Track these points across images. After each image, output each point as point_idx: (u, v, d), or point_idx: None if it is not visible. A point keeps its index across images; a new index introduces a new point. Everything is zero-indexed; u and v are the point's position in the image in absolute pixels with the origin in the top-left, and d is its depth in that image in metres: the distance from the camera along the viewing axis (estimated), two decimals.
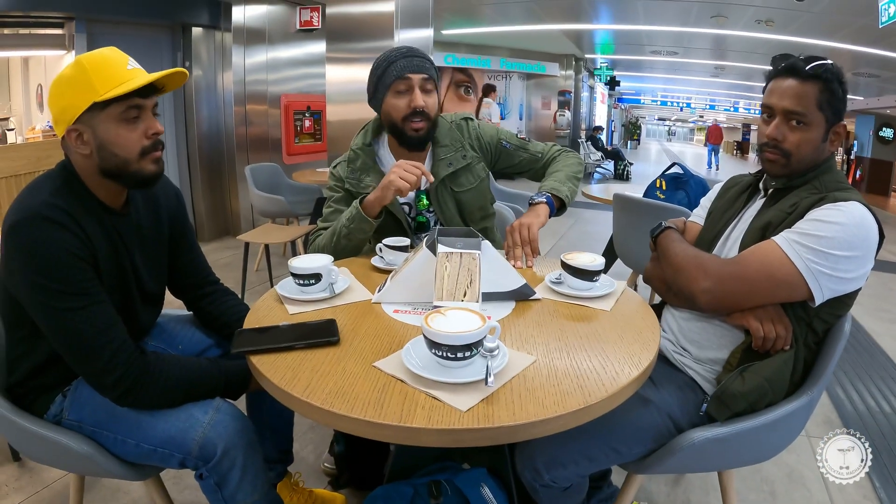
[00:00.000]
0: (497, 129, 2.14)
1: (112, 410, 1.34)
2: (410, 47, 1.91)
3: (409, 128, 1.87)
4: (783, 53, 1.50)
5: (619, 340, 1.24)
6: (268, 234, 4.41)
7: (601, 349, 1.19)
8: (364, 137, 2.03)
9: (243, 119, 6.53)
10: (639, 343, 1.22)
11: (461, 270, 1.27)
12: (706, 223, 1.74)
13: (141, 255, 1.48)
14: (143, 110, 1.34)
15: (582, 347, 1.19)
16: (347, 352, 1.16)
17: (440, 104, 1.92)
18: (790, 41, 8.46)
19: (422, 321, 1.01)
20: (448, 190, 1.99)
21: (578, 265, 1.45)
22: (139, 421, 1.34)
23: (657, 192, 3.43)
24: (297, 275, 1.43)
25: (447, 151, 1.99)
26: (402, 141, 1.93)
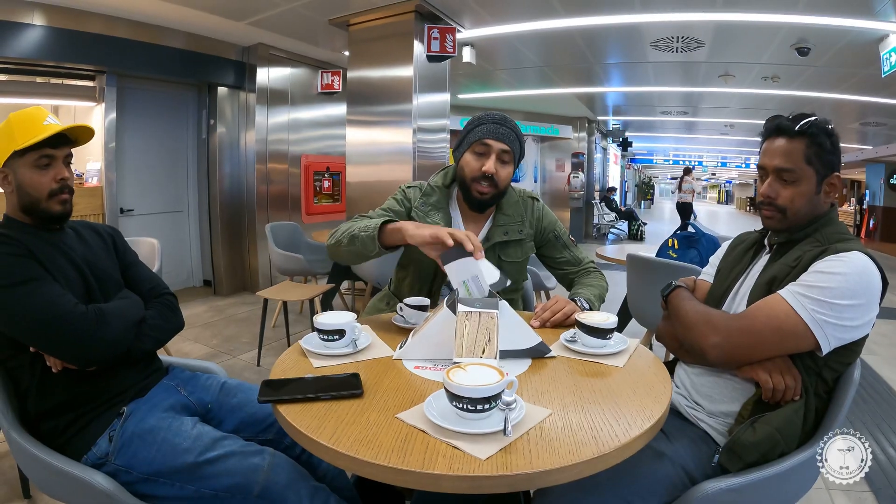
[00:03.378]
0: (556, 220, 2.24)
1: (171, 461, 1.43)
2: (505, 117, 2.00)
3: (476, 189, 1.98)
4: (774, 115, 1.58)
5: (632, 395, 1.28)
6: (286, 292, 4.48)
7: (614, 403, 1.23)
8: (444, 178, 2.14)
9: (264, 177, 6.69)
10: (651, 397, 1.27)
11: (480, 329, 1.34)
12: (715, 280, 1.79)
13: (87, 251, 1.70)
14: (55, 159, 1.59)
15: (595, 401, 1.23)
16: (371, 404, 1.21)
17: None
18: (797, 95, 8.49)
19: (443, 375, 1.07)
20: (495, 256, 2.06)
21: (592, 324, 1.51)
22: (199, 469, 1.42)
23: (669, 251, 3.49)
24: (321, 330, 1.49)
25: (508, 221, 2.10)
26: (467, 198, 2.04)
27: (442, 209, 2.08)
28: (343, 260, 1.93)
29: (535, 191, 13.17)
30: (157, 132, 6.27)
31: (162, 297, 1.81)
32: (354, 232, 1.84)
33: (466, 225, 2.10)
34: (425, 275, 2.09)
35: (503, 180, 2.00)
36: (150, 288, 1.82)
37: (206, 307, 6.15)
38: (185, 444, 1.46)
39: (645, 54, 6.93)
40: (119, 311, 1.59)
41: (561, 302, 1.84)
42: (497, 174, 1.96)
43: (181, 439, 1.47)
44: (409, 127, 5.02)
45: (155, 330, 1.70)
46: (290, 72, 6.78)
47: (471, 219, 2.11)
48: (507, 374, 1.09)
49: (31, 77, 5.15)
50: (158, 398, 1.64)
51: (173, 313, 1.81)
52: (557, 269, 2.24)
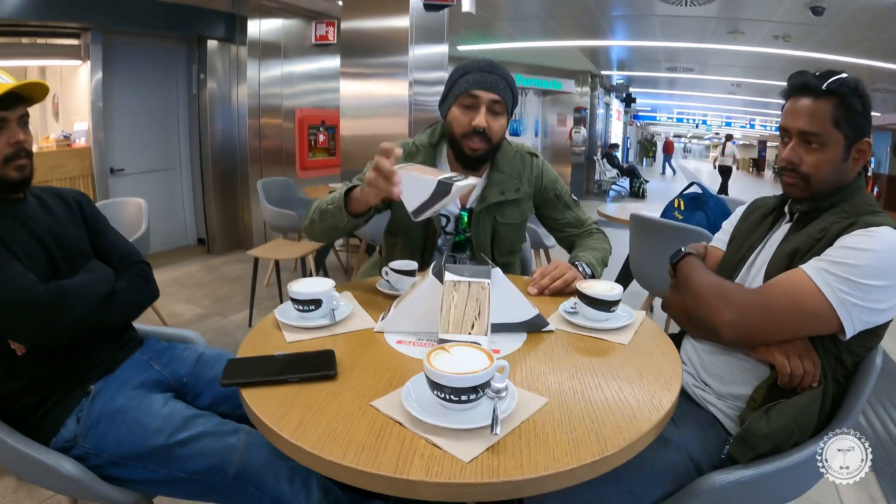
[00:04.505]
0: (557, 178, 2.07)
1: (141, 443, 1.36)
2: (492, 62, 1.81)
3: (467, 145, 1.80)
4: (799, 71, 1.43)
5: (638, 378, 1.15)
6: (278, 250, 4.36)
7: (618, 388, 1.10)
8: (430, 137, 1.96)
9: (257, 132, 6.55)
10: (659, 382, 1.13)
11: (469, 301, 1.19)
12: (729, 248, 1.66)
13: (52, 221, 1.57)
14: (7, 122, 1.43)
15: (598, 386, 1.10)
16: (344, 387, 1.08)
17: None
18: (806, 56, 8.35)
19: (424, 359, 0.93)
20: (490, 217, 1.92)
21: (595, 294, 1.36)
22: (170, 451, 1.35)
23: (675, 212, 3.34)
24: (296, 300, 1.36)
25: (504, 179, 1.93)
26: (458, 156, 1.87)
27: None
28: (321, 238, 1.79)
29: (536, 145, 13.05)
30: (146, 89, 6.09)
31: (134, 267, 1.70)
32: (322, 206, 1.71)
33: None
34: (415, 240, 1.93)
35: (496, 133, 1.82)
36: (122, 257, 1.70)
37: (200, 266, 6.07)
38: (155, 424, 1.39)
39: (652, 7, 6.71)
40: (84, 286, 1.48)
41: (561, 267, 1.70)
42: (489, 128, 1.78)
43: (151, 419, 1.40)
44: (404, 79, 4.88)
45: (125, 303, 1.59)
46: (282, 23, 6.55)
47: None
48: (496, 353, 0.96)
49: (16, 38, 5.01)
50: (128, 375, 1.55)
51: (146, 283, 1.71)
52: (558, 231, 2.09)
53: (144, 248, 3.87)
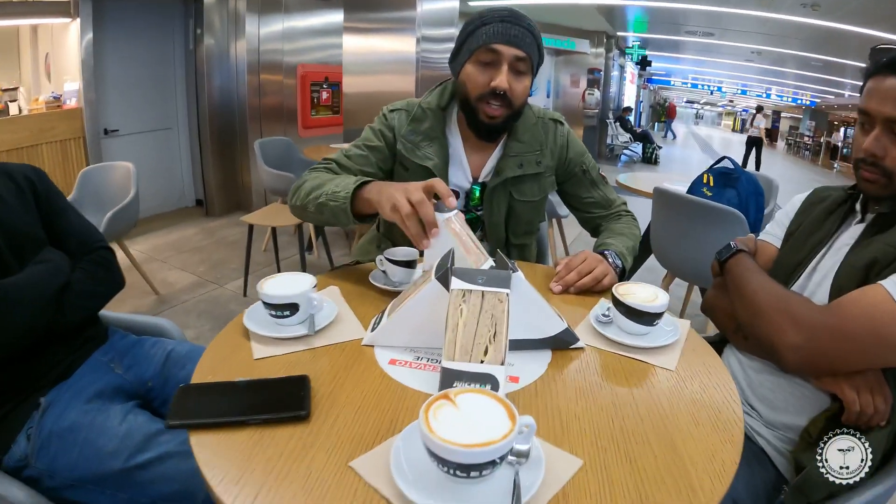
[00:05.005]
0: (585, 151, 1.77)
1: (95, 467, 1.19)
2: (516, 12, 1.51)
3: (483, 111, 1.52)
4: (883, 46, 1.17)
5: (694, 426, 0.90)
6: (274, 216, 4.11)
7: (670, 442, 0.85)
8: (440, 98, 1.66)
9: (257, 90, 6.27)
10: (718, 431, 0.89)
11: (482, 318, 0.93)
12: (785, 247, 1.41)
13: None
14: None
15: (645, 439, 0.85)
16: (319, 434, 0.83)
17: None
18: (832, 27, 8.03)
19: (421, 418, 0.67)
20: (506, 193, 1.65)
21: (636, 305, 1.11)
22: (129, 475, 1.19)
23: (703, 188, 3.07)
24: (268, 304, 1.10)
25: (523, 149, 1.65)
26: (471, 123, 1.58)
27: (436, 139, 1.62)
28: (318, 225, 1.53)
29: (548, 107, 12.66)
30: (140, 46, 5.76)
31: (94, 254, 1.49)
32: (322, 199, 1.42)
33: (470, 156, 1.66)
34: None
35: (519, 97, 1.53)
36: (80, 242, 1.49)
37: (197, 229, 5.85)
38: (110, 445, 1.21)
39: None
40: (30, 284, 1.28)
41: (590, 260, 1.43)
42: (511, 90, 1.49)
43: (106, 440, 1.22)
44: (412, 35, 4.64)
45: (83, 297, 1.40)
46: None
47: (476, 148, 1.66)
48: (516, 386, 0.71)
49: None
50: (84, 382, 1.36)
51: (108, 272, 1.50)
52: (582, 211, 1.81)
53: (134, 215, 3.68)
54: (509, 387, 0.97)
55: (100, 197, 3.76)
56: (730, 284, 1.32)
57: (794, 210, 1.46)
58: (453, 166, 1.65)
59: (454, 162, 1.65)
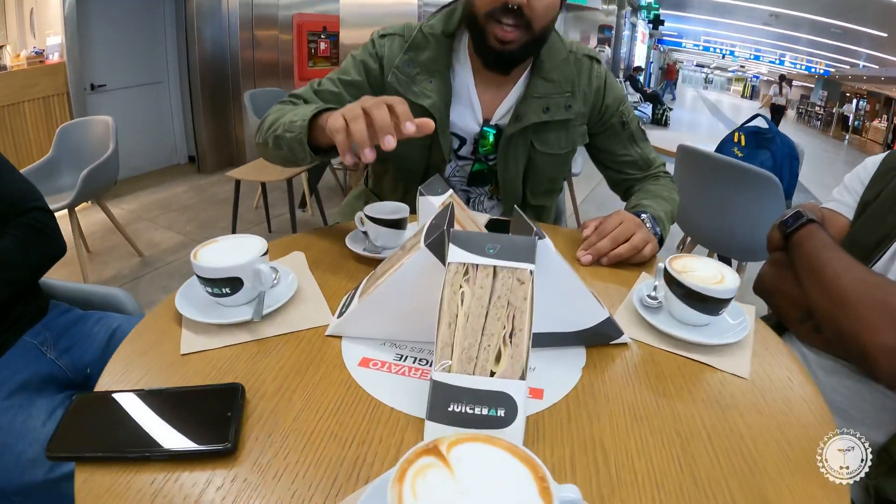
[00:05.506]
0: (625, 98, 1.44)
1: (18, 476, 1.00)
2: None
3: (494, 32, 1.19)
4: None
5: (785, 465, 0.63)
6: (264, 171, 3.85)
7: (760, 494, 0.58)
8: (446, 22, 1.34)
9: (250, 43, 5.97)
10: (819, 474, 0.62)
11: (494, 306, 0.64)
12: (862, 220, 1.15)
13: None
14: None
15: (727, 493, 0.58)
16: (248, 482, 0.56)
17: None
18: None
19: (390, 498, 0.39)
20: (526, 143, 1.34)
21: (699, 287, 0.82)
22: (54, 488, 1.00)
23: (734, 148, 2.77)
24: (203, 278, 0.82)
25: (550, 89, 1.32)
26: (480, 49, 1.26)
27: (437, 72, 1.30)
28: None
29: None
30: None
31: (25, 216, 1.25)
32: (279, 131, 1.12)
33: (482, 93, 1.34)
34: (410, 172, 1.37)
35: (540, 17, 1.18)
36: (11, 204, 1.25)
37: (187, 187, 5.58)
38: (31, 452, 1.02)
39: None
40: None
41: (628, 224, 1.13)
42: (529, 5, 1.15)
43: (26, 445, 1.03)
44: None
45: (8, 268, 1.18)
46: None
47: (489, 83, 1.34)
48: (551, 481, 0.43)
49: None
50: (7, 372, 1.15)
51: (40, 238, 1.26)
52: (615, 171, 1.48)
53: (113, 172, 3.43)
54: (531, 405, 0.69)
55: (79, 154, 3.49)
56: (799, 263, 1.05)
57: (867, 175, 1.20)
58: (459, 105, 1.33)
59: (460, 100, 1.33)
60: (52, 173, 3.35)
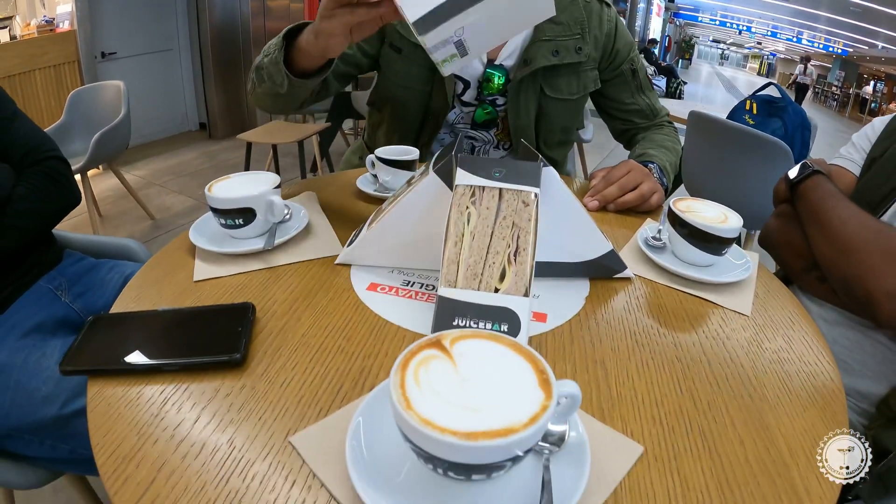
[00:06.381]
0: (634, 44, 1.42)
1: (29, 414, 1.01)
2: None
3: None
4: None
5: (786, 396, 0.63)
6: (275, 133, 3.81)
7: (759, 419, 0.59)
8: None
9: (261, 11, 5.91)
10: (818, 407, 0.63)
11: (499, 226, 0.65)
12: (868, 175, 1.15)
13: None
14: None
15: (726, 416, 0.59)
16: (256, 388, 0.58)
17: None
18: None
19: (393, 384, 0.41)
20: (536, 88, 1.32)
21: (703, 225, 0.82)
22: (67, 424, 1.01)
23: (746, 115, 2.74)
24: (216, 210, 0.83)
25: (559, 32, 1.30)
26: None
27: None
28: (268, 108, 1.20)
29: None
30: None
31: (41, 165, 1.25)
32: (258, 61, 1.10)
33: None
34: (405, 121, 1.36)
35: None
36: (26, 153, 1.25)
37: (198, 153, 5.58)
38: (45, 389, 1.02)
39: None
40: None
41: (636, 173, 1.13)
42: None
43: (39, 382, 1.03)
44: None
45: (23, 216, 1.18)
46: None
47: None
48: (545, 327, 0.46)
49: None
50: (21, 315, 1.15)
51: (56, 186, 1.26)
52: (620, 120, 1.47)
53: (125, 136, 3.42)
54: (534, 327, 0.70)
55: (91, 120, 3.48)
56: (805, 213, 1.05)
57: (875, 134, 1.20)
58: None
59: None
60: (64, 139, 3.34)
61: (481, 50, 0.75)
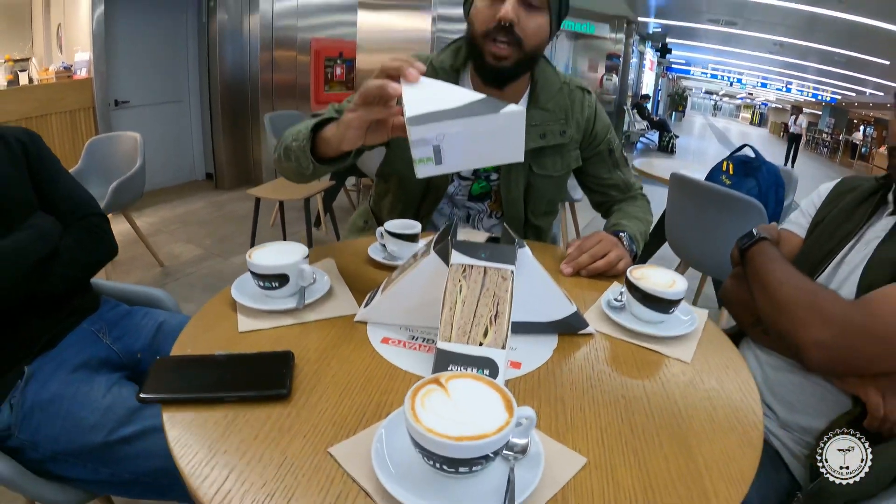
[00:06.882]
0: (611, 126, 1.63)
1: (77, 440, 1.15)
2: None
3: (490, 50, 1.33)
4: None
5: (709, 425, 0.82)
6: (283, 190, 4.05)
7: (684, 442, 0.77)
8: (454, 58, 1.51)
9: (269, 65, 6.20)
10: (737, 433, 0.80)
11: (483, 296, 0.85)
12: (811, 238, 1.32)
13: None
14: None
15: (656, 438, 0.77)
16: (299, 416, 0.76)
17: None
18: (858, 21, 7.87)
19: (406, 406, 0.60)
20: (525, 166, 1.51)
21: (652, 290, 1.02)
22: (110, 450, 1.14)
23: (723, 176, 2.96)
24: (256, 274, 1.03)
25: (546, 118, 1.51)
26: (478, 68, 1.42)
27: None
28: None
29: None
30: (153, 18, 5.69)
31: (84, 220, 1.43)
32: (287, 142, 1.26)
33: None
34: (409, 193, 1.56)
35: (530, 36, 1.33)
36: (71, 208, 1.43)
37: (206, 203, 5.82)
38: (92, 418, 1.16)
39: None
40: (14, 249, 1.22)
41: (605, 242, 1.33)
42: (520, 24, 1.29)
43: (87, 413, 1.17)
44: (427, 13, 4.56)
45: (70, 265, 1.34)
46: None
47: None
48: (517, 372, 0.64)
49: None
50: (69, 353, 1.30)
51: (97, 241, 1.44)
52: (598, 193, 1.68)
53: (140, 186, 3.63)
54: (510, 373, 0.89)
55: (106, 167, 3.71)
56: (751, 274, 1.23)
57: (820, 199, 1.38)
58: None
59: None
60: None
61: (453, 166, 0.93)
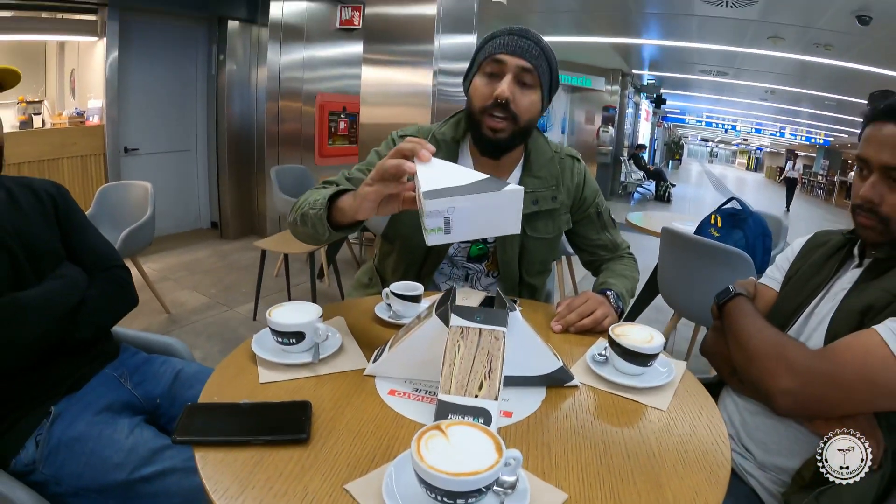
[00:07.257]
0: (598, 190, 1.77)
1: (100, 478, 1.23)
2: (525, 28, 1.48)
3: (487, 124, 1.47)
4: (882, 90, 1.21)
5: (680, 464, 0.92)
6: (288, 243, 4.17)
7: (655, 480, 0.88)
8: (455, 130, 1.63)
9: (276, 117, 6.36)
10: (705, 472, 0.91)
11: (478, 354, 0.98)
12: (784, 291, 1.43)
13: (19, 218, 1.40)
14: None
15: (631, 478, 0.88)
16: (317, 457, 0.87)
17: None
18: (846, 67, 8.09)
19: (413, 447, 0.71)
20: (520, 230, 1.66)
21: (630, 346, 1.14)
22: (132, 488, 1.23)
23: (711, 228, 3.11)
24: (275, 331, 1.15)
25: (538, 185, 1.63)
26: (477, 139, 1.56)
27: None
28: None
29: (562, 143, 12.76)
30: (164, 68, 5.96)
31: (109, 272, 1.53)
32: (304, 209, 1.38)
33: None
34: (413, 255, 1.67)
35: (524, 111, 1.47)
36: (96, 259, 1.53)
37: (210, 251, 5.94)
38: (117, 457, 1.25)
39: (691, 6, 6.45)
40: (45, 298, 1.32)
41: (592, 301, 1.45)
42: (514, 101, 1.44)
43: (112, 452, 1.25)
44: (429, 69, 4.65)
45: (95, 314, 1.44)
46: (306, 6, 6.28)
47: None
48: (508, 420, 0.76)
49: (35, 12, 4.88)
50: (94, 395, 1.40)
51: (121, 292, 1.54)
52: (587, 252, 1.81)
53: (149, 234, 3.76)
54: (502, 421, 1.00)
55: (117, 214, 3.86)
56: (727, 328, 1.34)
57: (793, 254, 1.49)
58: None
59: None
60: None
61: (459, 236, 1.07)
